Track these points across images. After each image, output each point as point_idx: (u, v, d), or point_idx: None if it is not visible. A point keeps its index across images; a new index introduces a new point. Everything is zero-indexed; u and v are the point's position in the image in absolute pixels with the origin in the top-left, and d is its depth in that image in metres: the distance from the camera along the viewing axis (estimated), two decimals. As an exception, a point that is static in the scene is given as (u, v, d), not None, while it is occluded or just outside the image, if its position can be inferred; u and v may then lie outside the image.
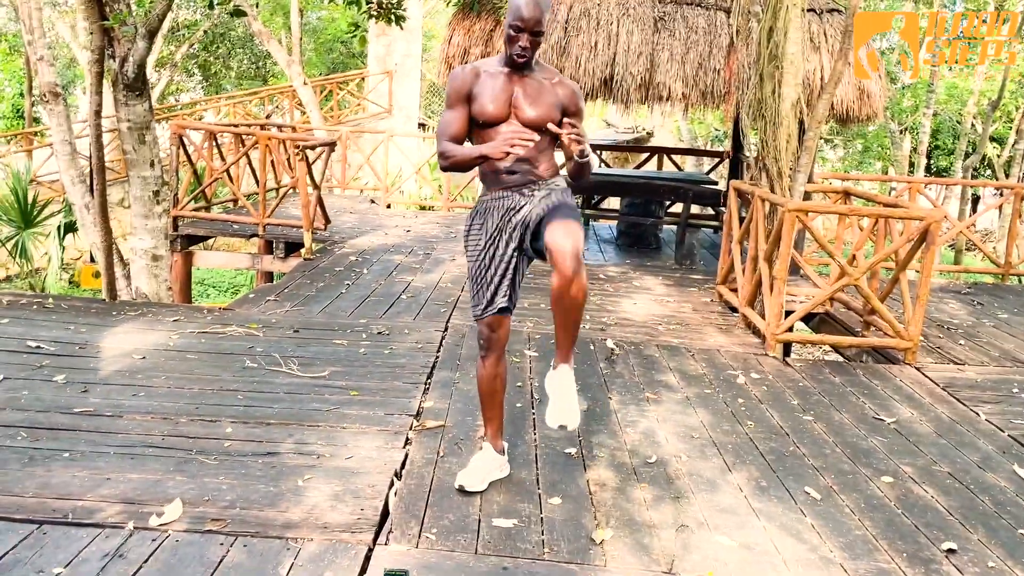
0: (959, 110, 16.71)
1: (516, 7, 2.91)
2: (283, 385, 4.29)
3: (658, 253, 9.34)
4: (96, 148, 6.69)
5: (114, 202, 14.38)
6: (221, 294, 15.81)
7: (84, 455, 3.33)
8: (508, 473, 3.39)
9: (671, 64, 7.43)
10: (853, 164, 20.52)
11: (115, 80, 6.59)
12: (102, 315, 5.50)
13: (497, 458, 3.35)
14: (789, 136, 5.90)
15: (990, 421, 4.45)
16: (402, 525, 2.94)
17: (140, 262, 7.01)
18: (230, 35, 22.01)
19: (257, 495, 3.08)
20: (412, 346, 5.14)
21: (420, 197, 14.28)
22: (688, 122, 21.29)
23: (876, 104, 7.74)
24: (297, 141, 8.13)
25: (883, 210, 5.83)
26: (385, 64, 18.49)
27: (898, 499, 3.43)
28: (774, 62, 5.78)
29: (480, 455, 3.36)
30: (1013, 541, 3.13)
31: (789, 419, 4.29)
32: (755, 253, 6.01)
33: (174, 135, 8.39)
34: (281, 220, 8.51)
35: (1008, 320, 6.93)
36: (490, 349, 3.20)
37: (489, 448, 3.34)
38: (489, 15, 7.53)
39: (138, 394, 4.04)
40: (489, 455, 3.33)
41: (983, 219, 21.37)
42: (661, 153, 12.15)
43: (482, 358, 3.23)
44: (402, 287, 6.85)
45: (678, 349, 5.45)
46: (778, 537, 3.05)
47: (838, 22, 7.62)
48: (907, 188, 9.35)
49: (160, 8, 6.55)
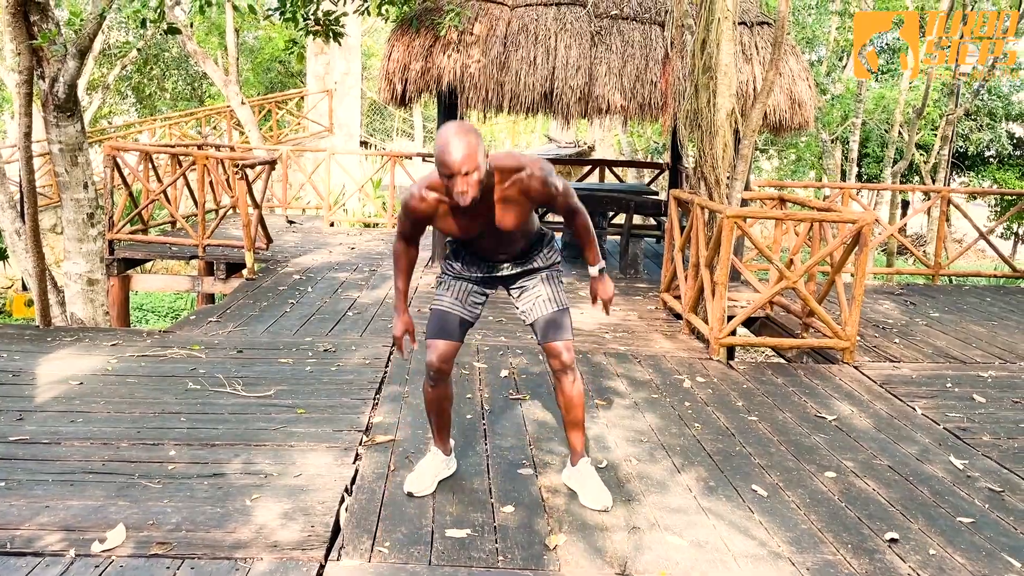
0: (886, 119, 17.29)
1: (440, 156, 2.68)
2: (228, 406, 4.21)
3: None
4: (27, 171, 6.51)
5: (46, 228, 13.98)
6: (160, 319, 15.45)
7: (21, 483, 3.23)
8: (455, 470, 3.47)
9: (609, 77, 7.54)
10: (787, 174, 21.05)
11: (45, 101, 6.44)
12: (36, 341, 5.33)
13: (444, 459, 3.40)
14: (725, 145, 6.04)
15: (926, 415, 4.60)
16: (354, 540, 2.91)
17: (75, 287, 6.82)
18: (164, 56, 21.65)
19: (203, 517, 3.01)
20: (359, 362, 5.09)
21: (364, 215, 14.19)
22: (628, 135, 21.61)
23: (807, 113, 7.96)
24: (236, 160, 8.02)
25: (817, 214, 6.00)
26: (324, 83, 18.38)
27: (841, 493, 3.51)
28: (708, 73, 5.92)
29: (427, 458, 3.40)
30: (952, 529, 3.23)
31: (734, 420, 4.37)
32: (696, 260, 6.12)
33: (108, 157, 8.20)
34: (221, 240, 8.38)
35: (940, 319, 7.18)
36: (438, 380, 3.22)
37: (437, 451, 3.39)
38: (428, 31, 7.55)
39: (76, 420, 3.92)
40: (437, 457, 3.38)
41: (914, 225, 22.11)
42: (603, 166, 12.30)
43: (431, 386, 3.25)
44: (348, 304, 6.79)
45: (625, 356, 5.51)
46: (728, 534, 3.10)
47: (768, 34, 7.84)
48: (839, 194, 9.63)
49: (90, 27, 6.42)
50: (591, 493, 3.27)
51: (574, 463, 3.37)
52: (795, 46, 8.50)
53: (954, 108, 14.66)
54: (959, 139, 18.62)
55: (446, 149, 2.67)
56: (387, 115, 28.03)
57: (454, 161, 2.66)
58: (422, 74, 7.59)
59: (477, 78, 7.44)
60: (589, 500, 3.25)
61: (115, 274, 8.25)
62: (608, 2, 7.83)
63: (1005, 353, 6.05)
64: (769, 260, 5.85)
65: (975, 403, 4.84)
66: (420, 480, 3.30)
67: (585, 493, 3.28)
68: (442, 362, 3.17)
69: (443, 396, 3.28)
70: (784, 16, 6.02)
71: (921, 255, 9.43)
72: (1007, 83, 19.06)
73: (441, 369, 3.18)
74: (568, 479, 3.40)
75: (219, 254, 8.24)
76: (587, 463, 3.36)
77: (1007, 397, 4.97)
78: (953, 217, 17.12)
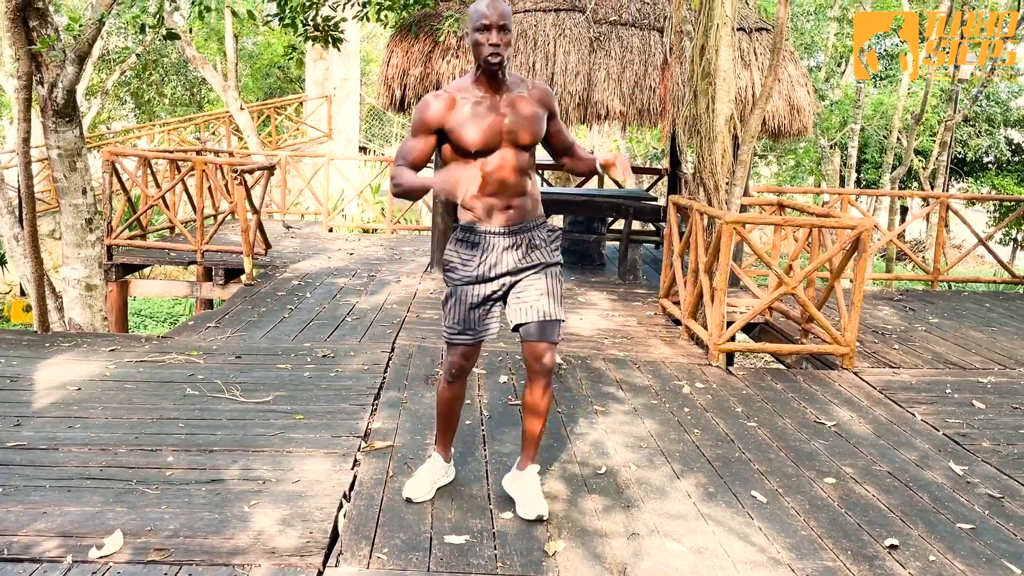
0: (885, 125, 17.33)
1: (477, 11, 2.80)
2: (226, 411, 4.20)
3: (602, 269, 9.44)
4: (25, 177, 6.51)
5: (44, 233, 13.97)
6: (159, 324, 15.43)
7: (18, 489, 3.21)
8: (453, 478, 3.44)
9: (608, 83, 7.55)
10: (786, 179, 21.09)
11: (44, 107, 6.43)
12: (34, 347, 5.32)
13: (444, 465, 3.38)
14: (724, 151, 6.04)
15: (925, 421, 4.60)
16: (352, 546, 2.90)
17: (73, 292, 6.81)
18: (163, 61, 21.66)
19: (201, 523, 3.00)
20: (358, 368, 5.08)
21: (363, 220, 14.19)
22: (627, 141, 21.63)
23: (806, 118, 7.98)
24: (235, 165, 8.02)
25: (816, 220, 6.00)
26: (323, 88, 18.39)
27: (841, 499, 3.50)
28: (707, 79, 5.93)
29: (427, 464, 3.38)
30: (952, 535, 3.22)
31: (734, 426, 4.36)
32: (695, 266, 6.12)
33: (106, 162, 8.20)
34: (220, 246, 8.37)
35: (939, 324, 7.18)
36: (458, 376, 3.18)
37: (438, 457, 3.37)
38: (427, 36, 7.56)
39: (74, 426, 3.91)
40: (437, 463, 3.36)
41: (913, 231, 22.13)
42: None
43: (448, 383, 3.20)
44: (346, 309, 6.78)
45: (624, 362, 5.50)
46: (727, 540, 3.09)
47: (766, 40, 7.85)
48: (838, 199, 9.64)
49: (89, 32, 6.42)
50: (530, 502, 3.12)
51: (522, 467, 3.23)
52: (793, 52, 8.52)
53: (953, 114, 14.69)
54: (958, 145, 18.65)
55: (486, 4, 2.78)
56: (386, 120, 28.06)
57: (494, 11, 2.76)
58: (421, 79, 7.60)
59: (476, 84, 7.44)
60: (527, 510, 3.11)
61: (113, 279, 8.25)
62: (607, 8, 7.85)
63: (1004, 359, 6.05)
64: (768, 266, 5.84)
65: (975, 409, 4.84)
66: (419, 486, 3.29)
67: (524, 502, 3.14)
68: (465, 359, 3.11)
69: (458, 395, 3.24)
70: (782, 22, 6.03)
71: (920, 261, 9.44)
72: (1005, 89, 19.11)
73: (463, 367, 3.13)
74: (509, 485, 3.26)
75: (218, 259, 8.24)
76: (534, 473, 3.21)
77: (1007, 403, 4.97)
78: (952, 223, 17.13)
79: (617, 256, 9.16)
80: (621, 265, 8.87)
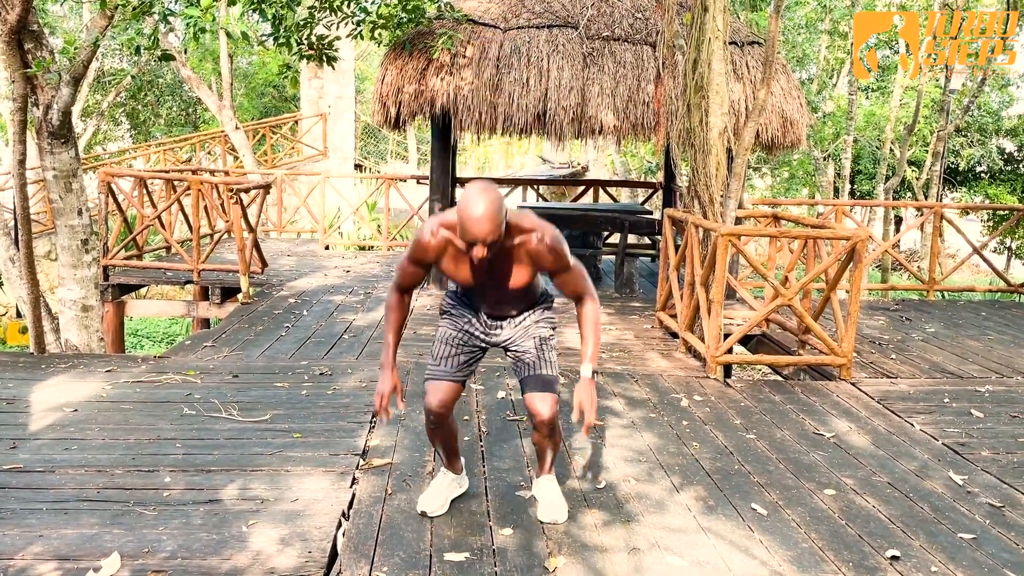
0: (877, 136, 17.41)
1: (465, 223, 2.68)
2: (223, 431, 4.19)
3: (598, 283, 9.45)
4: (20, 198, 6.50)
5: (40, 255, 13.94)
6: (155, 345, 15.38)
7: (15, 513, 3.20)
8: (467, 487, 3.48)
9: (602, 98, 7.58)
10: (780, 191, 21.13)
11: (39, 128, 6.44)
12: (31, 368, 5.30)
13: (455, 477, 3.39)
14: (718, 163, 6.06)
15: (924, 431, 4.59)
16: (352, 565, 2.88)
17: (69, 313, 6.80)
18: (158, 82, 21.69)
19: (199, 543, 2.98)
20: (356, 385, 5.07)
21: (359, 237, 14.19)
22: (621, 155, 21.70)
23: (799, 131, 8.01)
24: (231, 184, 8.03)
25: (812, 231, 6.01)
26: (318, 107, 18.44)
27: (841, 510, 3.49)
28: (700, 92, 5.96)
29: (438, 478, 3.39)
30: (953, 545, 3.21)
31: (733, 438, 4.35)
32: (692, 279, 6.12)
33: (102, 183, 8.21)
34: (216, 265, 8.36)
35: (936, 334, 7.18)
36: (438, 424, 3.15)
37: (447, 471, 3.39)
38: (421, 54, 7.59)
39: (70, 448, 3.89)
40: (448, 476, 3.38)
41: (907, 241, 22.18)
42: (597, 186, 12.34)
43: (431, 429, 3.19)
44: (343, 327, 6.77)
45: (622, 375, 5.50)
46: (728, 553, 3.07)
47: (758, 53, 7.90)
48: (833, 211, 9.67)
49: (85, 54, 6.44)
50: (543, 506, 3.32)
51: (538, 476, 3.43)
52: (786, 65, 8.56)
53: (945, 124, 14.77)
54: (950, 155, 18.74)
55: (472, 219, 2.66)
56: (381, 138, 28.12)
57: (479, 232, 2.67)
58: (415, 97, 7.62)
59: (470, 100, 7.47)
60: (542, 513, 3.30)
61: (110, 300, 8.23)
62: (600, 24, 7.89)
63: (1002, 367, 6.05)
64: (764, 278, 5.85)
65: (973, 418, 4.83)
66: (434, 499, 3.30)
67: (540, 506, 3.33)
68: (441, 407, 3.11)
69: (448, 433, 3.24)
70: (774, 35, 6.07)
71: (915, 271, 9.45)
72: (997, 99, 19.23)
73: (441, 414, 3.12)
74: (535, 489, 3.43)
75: (214, 279, 8.23)
76: (551, 480, 3.38)
77: (1005, 411, 4.97)
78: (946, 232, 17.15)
79: (614, 270, 9.17)
80: (618, 279, 8.88)
